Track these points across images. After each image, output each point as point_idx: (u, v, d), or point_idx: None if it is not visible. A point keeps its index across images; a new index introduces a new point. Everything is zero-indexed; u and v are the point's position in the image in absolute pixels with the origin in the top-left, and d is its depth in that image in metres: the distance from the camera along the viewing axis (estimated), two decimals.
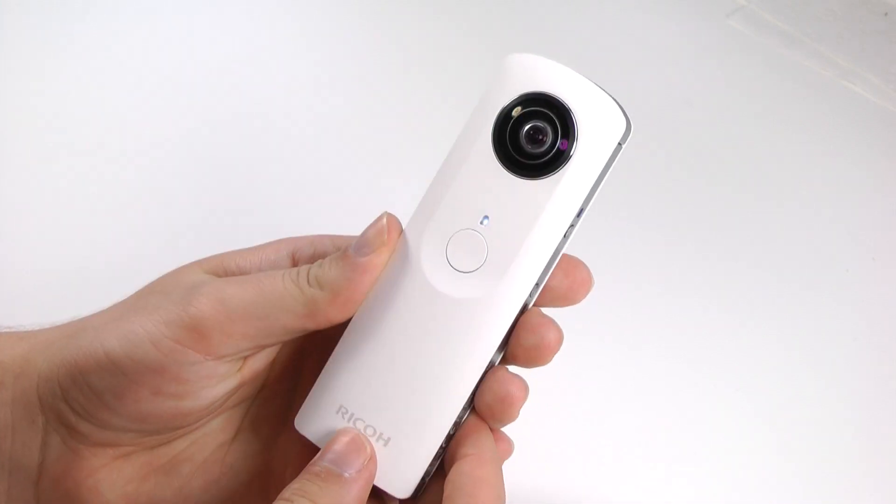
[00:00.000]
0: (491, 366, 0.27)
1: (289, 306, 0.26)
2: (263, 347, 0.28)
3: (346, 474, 0.25)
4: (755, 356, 0.50)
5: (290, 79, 0.59)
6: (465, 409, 0.27)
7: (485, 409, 0.27)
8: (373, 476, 0.26)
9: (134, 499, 0.29)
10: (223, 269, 0.30)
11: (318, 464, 0.25)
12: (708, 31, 0.70)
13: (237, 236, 0.32)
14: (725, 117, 0.64)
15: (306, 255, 0.30)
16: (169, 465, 0.30)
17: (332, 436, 0.27)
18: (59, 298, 0.32)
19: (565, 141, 0.26)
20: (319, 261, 0.27)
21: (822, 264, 0.56)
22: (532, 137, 0.26)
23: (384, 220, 0.27)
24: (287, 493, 0.24)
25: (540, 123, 0.26)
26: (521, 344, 0.27)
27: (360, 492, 0.25)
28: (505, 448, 0.29)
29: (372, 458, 0.26)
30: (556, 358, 0.46)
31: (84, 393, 0.27)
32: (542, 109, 0.26)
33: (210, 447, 0.30)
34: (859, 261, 0.57)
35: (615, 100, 0.27)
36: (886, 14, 0.65)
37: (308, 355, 0.31)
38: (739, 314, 0.52)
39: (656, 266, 0.54)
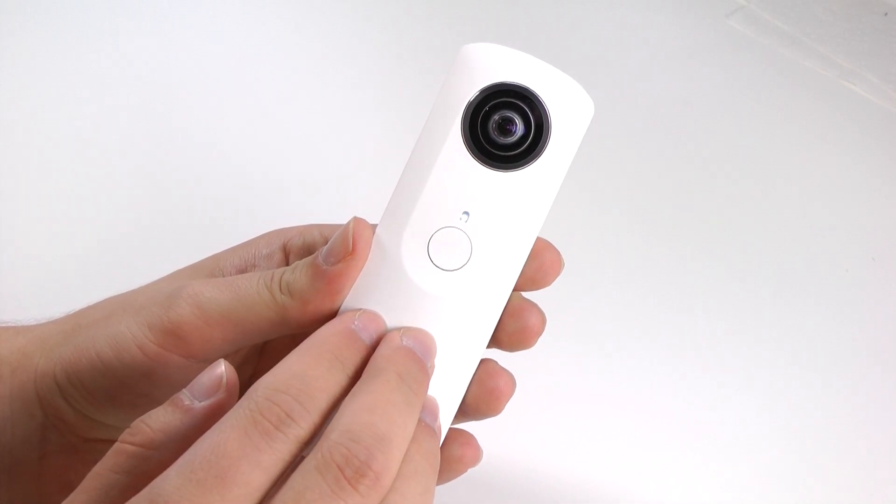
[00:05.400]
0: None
1: (262, 312, 0.26)
2: (246, 346, 0.28)
3: (186, 401, 0.23)
4: (755, 356, 0.50)
5: (282, 79, 0.59)
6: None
7: (470, 401, 0.27)
8: (221, 411, 0.22)
9: None
10: (219, 270, 0.30)
11: (180, 393, 0.23)
12: (708, 31, 0.70)
13: (235, 234, 0.32)
14: (725, 117, 0.64)
15: (297, 246, 0.30)
16: None
17: None
18: (57, 296, 0.32)
19: (539, 129, 0.26)
20: (295, 263, 0.27)
21: (822, 264, 0.56)
22: (503, 129, 0.26)
23: (350, 226, 0.26)
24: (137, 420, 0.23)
25: (510, 114, 0.26)
26: (504, 329, 0.27)
27: (206, 425, 0.22)
28: (472, 455, 0.28)
29: (231, 388, 0.23)
30: (559, 359, 0.46)
31: (80, 392, 0.27)
32: (510, 100, 0.26)
33: None
34: (859, 261, 0.57)
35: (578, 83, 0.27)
36: (886, 14, 0.65)
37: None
38: (739, 314, 0.52)
39: (655, 266, 0.53)
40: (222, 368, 0.23)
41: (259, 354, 0.31)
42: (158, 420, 0.22)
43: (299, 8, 0.64)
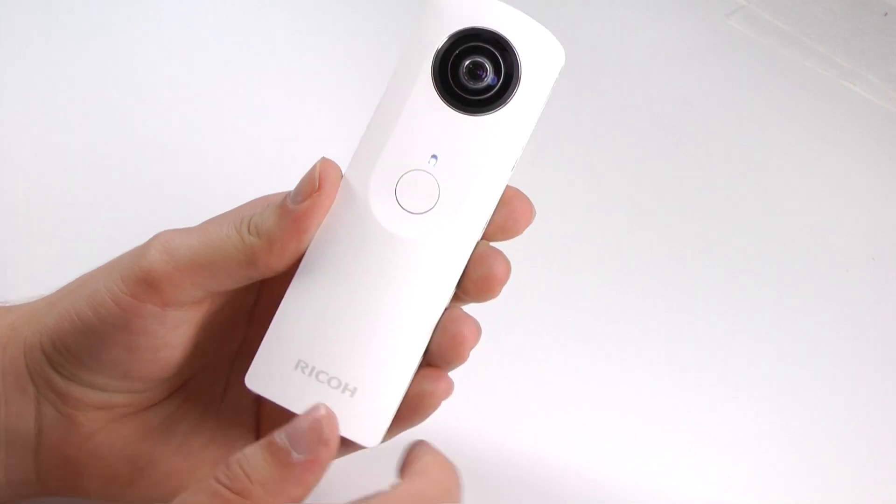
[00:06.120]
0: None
1: (230, 254, 0.26)
2: (217, 292, 0.28)
3: (295, 456, 0.23)
4: (754, 356, 0.50)
5: (282, 78, 0.59)
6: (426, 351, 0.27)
7: (434, 349, 0.27)
8: (325, 464, 0.24)
9: (134, 460, 0.29)
10: None
11: (276, 435, 0.23)
12: (708, 31, 0.70)
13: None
14: (725, 117, 0.64)
15: None
16: (164, 424, 0.30)
17: (294, 394, 0.26)
18: (51, 279, 0.32)
19: (509, 75, 0.26)
20: (265, 206, 0.27)
21: (822, 264, 0.56)
22: (473, 73, 0.26)
23: (317, 166, 0.26)
24: (234, 458, 0.23)
25: (480, 59, 0.26)
26: (469, 276, 0.27)
27: (305, 478, 0.23)
28: (445, 387, 0.28)
29: (329, 444, 0.24)
30: (559, 359, 0.46)
31: (64, 356, 0.27)
32: (481, 44, 0.26)
33: (202, 404, 0.30)
34: (859, 261, 0.57)
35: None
36: (886, 14, 0.65)
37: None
38: (739, 314, 0.52)
39: (655, 266, 0.53)
40: (322, 412, 0.24)
41: (248, 322, 0.31)
42: (258, 471, 0.22)
43: (299, 8, 0.64)
